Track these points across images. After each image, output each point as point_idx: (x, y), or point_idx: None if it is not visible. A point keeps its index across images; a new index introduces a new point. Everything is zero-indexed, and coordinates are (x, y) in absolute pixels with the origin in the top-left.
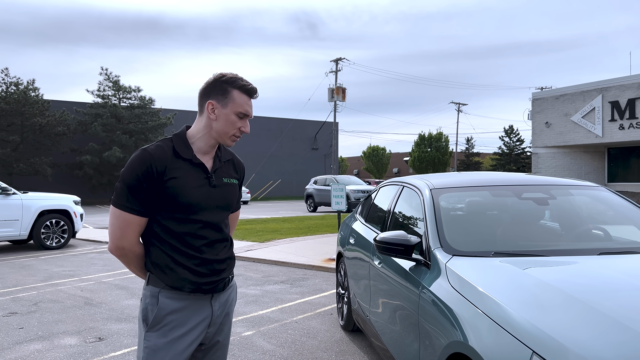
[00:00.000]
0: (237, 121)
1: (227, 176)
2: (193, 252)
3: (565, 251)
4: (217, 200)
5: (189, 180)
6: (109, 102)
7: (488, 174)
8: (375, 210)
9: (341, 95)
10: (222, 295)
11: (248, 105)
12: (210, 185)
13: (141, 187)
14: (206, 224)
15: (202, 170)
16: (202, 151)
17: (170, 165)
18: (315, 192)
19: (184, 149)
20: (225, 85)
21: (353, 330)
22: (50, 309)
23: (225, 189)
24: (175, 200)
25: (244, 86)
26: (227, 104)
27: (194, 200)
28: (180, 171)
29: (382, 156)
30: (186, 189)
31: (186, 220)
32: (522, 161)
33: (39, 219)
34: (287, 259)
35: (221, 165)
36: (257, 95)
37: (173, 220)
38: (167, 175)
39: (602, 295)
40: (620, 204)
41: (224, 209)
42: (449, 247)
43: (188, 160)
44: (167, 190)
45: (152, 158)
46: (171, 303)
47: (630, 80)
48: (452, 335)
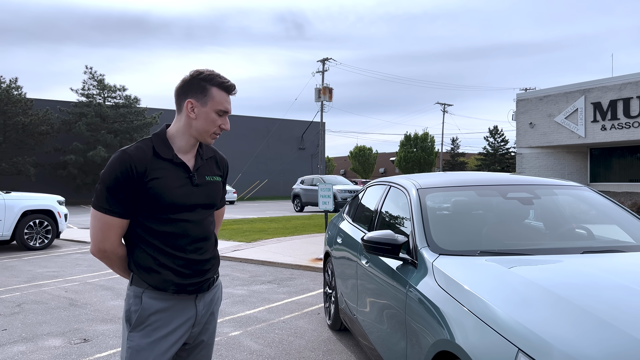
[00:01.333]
0: (217, 119)
1: (210, 174)
2: (176, 252)
3: (550, 250)
4: (200, 199)
5: (170, 180)
6: (93, 101)
7: (474, 174)
8: (363, 210)
9: (328, 95)
10: (207, 295)
11: (227, 102)
12: (193, 185)
13: (121, 189)
14: (189, 224)
15: (183, 169)
16: (183, 150)
17: (150, 166)
18: (302, 192)
19: (164, 148)
20: (203, 83)
21: (340, 329)
22: (34, 310)
23: (208, 187)
24: (158, 201)
25: (222, 83)
26: (207, 102)
27: (177, 200)
28: (161, 171)
29: (368, 156)
30: (168, 190)
31: (169, 220)
32: (506, 161)
33: (22, 219)
34: (274, 259)
35: (203, 163)
36: (235, 92)
37: (155, 221)
38: (147, 176)
39: (586, 293)
40: (602, 203)
41: (207, 207)
42: (436, 246)
43: (169, 160)
44: (148, 191)
45: (132, 159)
46: (155, 303)
47: (612, 82)
48: (439, 334)
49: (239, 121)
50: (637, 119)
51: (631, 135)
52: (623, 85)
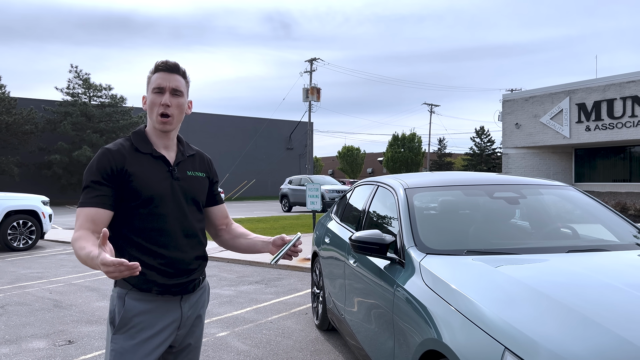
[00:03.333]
0: (156, 98)
1: (192, 169)
2: (159, 249)
3: (535, 249)
4: (181, 193)
5: (150, 173)
6: (79, 101)
7: (461, 174)
8: (351, 210)
9: (316, 96)
10: (193, 297)
11: (162, 79)
12: (173, 178)
13: (102, 184)
14: (172, 219)
15: (163, 163)
16: (162, 146)
17: (130, 160)
18: (290, 192)
19: (143, 144)
20: (150, 75)
21: (328, 329)
22: (17, 311)
23: (190, 181)
24: (138, 194)
25: (157, 65)
26: (148, 89)
27: (157, 192)
28: (141, 165)
29: (356, 156)
30: (148, 182)
31: (150, 214)
32: (493, 161)
33: (5, 219)
34: (261, 259)
35: (184, 159)
36: (173, 68)
37: (137, 217)
38: (127, 169)
39: (571, 292)
40: (587, 203)
41: (190, 202)
42: (423, 245)
43: (148, 154)
44: (129, 184)
45: (112, 154)
46: (138, 305)
47: (596, 83)
48: (426, 333)
49: (227, 121)
50: (620, 119)
51: (615, 135)
52: (607, 86)
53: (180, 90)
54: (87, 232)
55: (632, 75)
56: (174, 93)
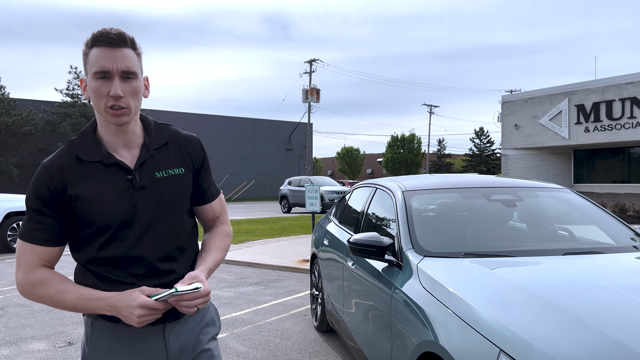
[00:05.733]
0: (101, 86)
1: (164, 167)
2: (128, 278)
3: (532, 251)
4: (149, 205)
5: (102, 191)
6: (78, 101)
7: (458, 176)
8: (349, 212)
9: (315, 96)
10: (184, 324)
11: (104, 58)
12: (135, 188)
13: (43, 214)
14: (140, 242)
15: (120, 170)
16: (119, 144)
17: (72, 177)
18: (289, 193)
19: (90, 149)
20: (85, 50)
21: (327, 331)
22: (17, 313)
23: (160, 186)
24: (89, 223)
25: (95, 38)
26: (87, 70)
27: (114, 216)
28: (88, 182)
29: (355, 157)
30: (99, 206)
31: (111, 241)
32: (492, 162)
33: (5, 221)
34: (261, 261)
35: (151, 155)
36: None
37: (95, 245)
38: (70, 192)
39: (566, 294)
40: (584, 205)
41: (164, 214)
42: (421, 248)
43: (97, 162)
44: (75, 211)
45: (48, 173)
46: (105, 341)
47: (595, 85)
48: (423, 335)
49: (226, 122)
50: (619, 121)
51: (614, 137)
52: (605, 88)
53: (132, 70)
54: (50, 272)
55: (630, 76)
56: (126, 76)
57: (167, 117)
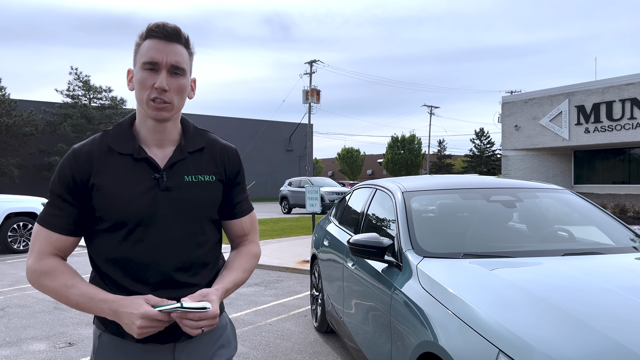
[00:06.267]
0: (147, 77)
1: (194, 172)
2: (140, 286)
3: (532, 252)
4: (170, 208)
5: (125, 184)
6: (79, 102)
7: (458, 177)
8: (349, 213)
9: (316, 97)
10: (196, 343)
11: (155, 50)
12: (160, 188)
13: (64, 200)
14: (157, 247)
15: (148, 167)
16: (154, 142)
17: (99, 165)
18: (289, 194)
19: (122, 141)
20: (138, 41)
21: (327, 331)
22: (18, 314)
23: (187, 191)
24: (107, 215)
25: (151, 29)
26: (136, 60)
27: (131, 213)
28: (113, 173)
29: (356, 158)
30: (119, 198)
31: (125, 242)
32: (492, 163)
33: (5, 221)
34: (261, 261)
35: (183, 157)
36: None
37: (109, 244)
38: (93, 180)
39: (566, 295)
40: (583, 206)
41: (187, 221)
42: (420, 248)
43: (128, 155)
44: (95, 201)
45: (76, 159)
46: (112, 356)
47: (595, 86)
48: (422, 335)
49: (226, 123)
50: (619, 122)
51: (614, 138)
52: (606, 88)
53: (181, 67)
54: (60, 262)
55: (631, 77)
56: (174, 71)
57: None
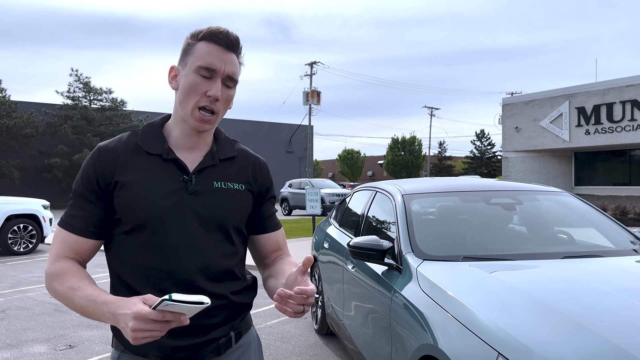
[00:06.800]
0: (200, 82)
1: (224, 179)
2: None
3: (531, 255)
4: (196, 212)
5: (152, 184)
6: (79, 104)
7: (458, 180)
8: (349, 215)
9: (316, 99)
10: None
11: (214, 57)
12: (188, 192)
13: (86, 200)
14: (181, 253)
15: (177, 169)
16: (182, 144)
17: (126, 163)
18: (290, 196)
19: (152, 140)
20: (191, 41)
21: (327, 334)
22: (18, 316)
23: (215, 197)
24: (129, 215)
25: (210, 33)
26: (187, 61)
27: (155, 213)
28: (140, 172)
29: (356, 159)
30: (144, 197)
31: (148, 246)
32: (493, 165)
33: (6, 223)
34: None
35: (214, 163)
36: (233, 43)
37: (131, 248)
38: (117, 177)
39: (565, 298)
40: (583, 208)
41: (213, 228)
42: (420, 251)
43: (157, 155)
44: (116, 201)
45: (101, 157)
46: None
47: (596, 87)
48: (422, 338)
49: (227, 124)
50: (620, 123)
51: (614, 139)
52: (606, 90)
53: (236, 78)
54: (72, 264)
55: (631, 79)
56: (227, 82)
57: None
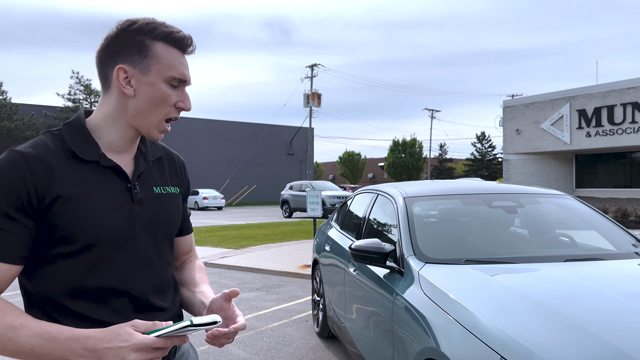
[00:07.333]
0: (171, 93)
1: (161, 183)
2: (112, 317)
3: (533, 258)
4: (145, 224)
5: (100, 196)
6: (80, 106)
7: (459, 183)
8: (351, 218)
9: (316, 101)
10: None
11: (183, 65)
12: (134, 202)
13: (9, 218)
14: (133, 271)
15: (117, 177)
16: (115, 148)
17: (62, 173)
18: (290, 198)
19: (83, 145)
20: (140, 37)
21: (328, 337)
22: None
23: (158, 203)
24: (74, 237)
25: (170, 35)
26: (150, 66)
27: (108, 230)
28: (82, 182)
29: (357, 162)
30: (95, 214)
31: (96, 267)
32: (493, 167)
33: None
34: (262, 266)
35: (148, 167)
36: (192, 49)
37: (74, 271)
38: (55, 192)
39: (567, 301)
40: (584, 211)
41: (159, 237)
42: (422, 254)
43: (93, 162)
44: (60, 219)
45: (27, 165)
46: None
47: (596, 90)
48: (424, 342)
49: (227, 127)
50: (620, 126)
51: (615, 142)
52: (607, 92)
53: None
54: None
55: (632, 81)
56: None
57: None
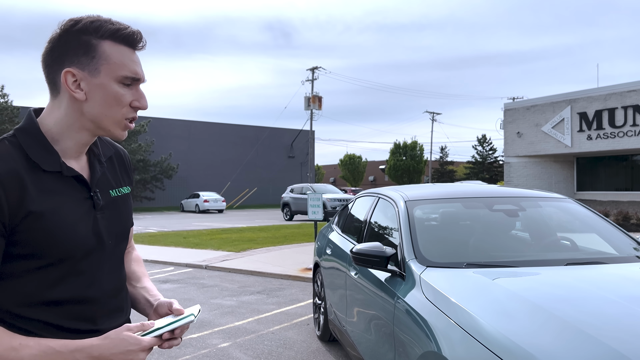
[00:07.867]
0: (125, 93)
1: (116, 185)
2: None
3: (534, 262)
4: (108, 231)
5: (65, 210)
6: None
7: (460, 186)
8: (352, 221)
9: (317, 104)
10: None
11: (134, 62)
12: (96, 209)
13: None
14: (100, 278)
15: (79, 184)
16: (71, 154)
17: (30, 186)
18: (291, 201)
19: (43, 154)
20: (85, 37)
21: (329, 340)
22: None
23: (117, 207)
24: (43, 252)
25: (118, 32)
26: (99, 67)
27: (78, 243)
28: (48, 198)
29: (358, 164)
30: (64, 229)
31: (66, 278)
32: (494, 170)
33: None
34: (263, 269)
35: (103, 169)
36: (142, 45)
37: (46, 281)
38: (26, 209)
39: (568, 305)
40: (585, 215)
41: (121, 239)
42: (423, 258)
43: (56, 173)
44: (28, 235)
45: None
46: None
47: (597, 92)
48: (426, 346)
49: (228, 129)
50: (622, 128)
51: (616, 144)
52: (608, 95)
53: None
54: None
55: (633, 84)
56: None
57: (169, 125)
